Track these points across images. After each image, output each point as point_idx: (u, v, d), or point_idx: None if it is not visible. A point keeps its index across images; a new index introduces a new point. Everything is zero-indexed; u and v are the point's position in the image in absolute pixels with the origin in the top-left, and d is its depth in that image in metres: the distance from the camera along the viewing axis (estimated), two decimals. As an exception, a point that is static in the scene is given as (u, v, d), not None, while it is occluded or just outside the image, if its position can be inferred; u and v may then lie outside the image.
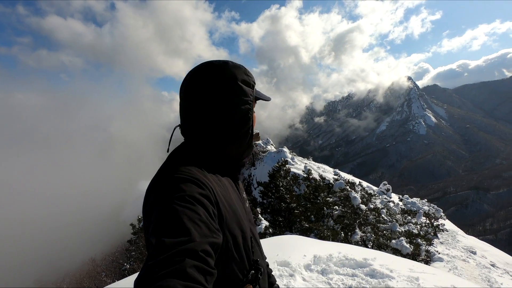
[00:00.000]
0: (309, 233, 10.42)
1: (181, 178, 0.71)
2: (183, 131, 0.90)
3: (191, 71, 0.88)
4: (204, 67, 0.87)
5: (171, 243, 0.55)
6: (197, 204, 0.66)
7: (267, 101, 1.05)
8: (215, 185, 0.78)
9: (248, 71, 0.93)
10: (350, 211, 11.41)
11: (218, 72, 0.86)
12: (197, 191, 0.69)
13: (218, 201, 0.74)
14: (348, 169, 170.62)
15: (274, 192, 11.66)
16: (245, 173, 28.93)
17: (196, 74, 0.87)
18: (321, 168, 26.93)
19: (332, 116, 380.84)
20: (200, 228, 0.61)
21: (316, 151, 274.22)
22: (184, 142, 0.90)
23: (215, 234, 0.64)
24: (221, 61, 0.89)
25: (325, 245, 3.94)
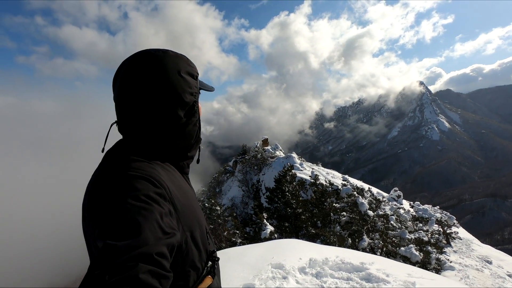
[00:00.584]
0: (315, 239, 10.29)
1: (133, 175, 0.64)
2: (121, 128, 0.81)
3: (126, 61, 0.79)
4: (142, 57, 0.77)
5: (123, 247, 0.49)
6: (153, 203, 0.60)
7: (211, 91, 0.96)
8: (169, 181, 0.72)
9: (191, 61, 0.85)
10: (358, 217, 11.23)
11: (159, 63, 0.76)
12: (152, 190, 0.63)
13: (173, 197, 0.69)
14: (359, 175, 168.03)
15: (280, 198, 11.60)
16: (253, 178, 28.89)
17: (133, 65, 0.76)
18: (330, 174, 26.63)
19: (342, 122, 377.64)
20: (155, 229, 0.56)
21: (326, 157, 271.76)
22: (123, 140, 0.81)
23: (172, 234, 0.59)
24: (160, 50, 0.80)
25: (323, 249, 3.90)
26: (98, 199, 0.62)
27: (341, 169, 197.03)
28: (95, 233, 0.57)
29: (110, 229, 0.54)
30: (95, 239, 0.56)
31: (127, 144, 0.79)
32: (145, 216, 0.56)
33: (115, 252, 0.49)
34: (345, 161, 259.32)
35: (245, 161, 30.91)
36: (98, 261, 0.48)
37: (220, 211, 14.49)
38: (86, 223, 0.67)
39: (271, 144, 34.79)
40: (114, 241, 0.50)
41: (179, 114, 0.78)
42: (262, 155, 29.70)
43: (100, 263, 0.48)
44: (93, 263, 0.49)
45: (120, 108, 0.78)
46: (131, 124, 0.78)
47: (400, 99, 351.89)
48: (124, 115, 0.78)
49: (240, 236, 11.21)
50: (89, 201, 0.66)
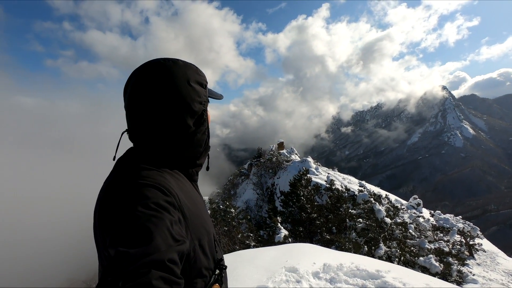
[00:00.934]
0: (330, 245, 10.14)
1: (143, 184, 0.66)
2: (131, 136, 0.82)
3: (137, 71, 0.80)
4: (152, 66, 0.79)
5: (135, 254, 0.51)
6: (163, 211, 0.62)
7: (219, 99, 0.98)
8: (178, 189, 0.73)
9: (200, 70, 0.86)
10: (375, 224, 10.97)
11: (168, 72, 0.78)
12: (162, 198, 0.64)
13: (182, 205, 0.71)
14: (376, 182, 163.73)
15: (295, 202, 11.52)
16: (268, 182, 28.83)
17: (143, 74, 0.78)
18: (347, 179, 26.15)
19: (360, 126, 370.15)
20: (166, 236, 0.57)
21: (343, 162, 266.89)
22: (133, 148, 0.83)
23: (182, 242, 0.61)
24: (170, 59, 0.81)
25: (337, 254, 3.84)
26: (109, 207, 0.64)
27: (358, 175, 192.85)
28: (106, 241, 0.58)
29: (121, 237, 0.55)
30: (106, 247, 0.57)
31: (137, 152, 0.80)
32: (156, 224, 0.57)
33: (128, 259, 0.50)
34: (362, 166, 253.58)
35: (260, 164, 30.93)
36: (111, 268, 0.50)
37: (235, 213, 14.56)
38: (97, 230, 0.68)
39: (287, 148, 34.63)
40: (126, 248, 0.52)
41: (188, 123, 0.80)
42: (277, 159, 29.62)
43: (113, 270, 0.49)
44: (105, 270, 0.51)
45: (131, 116, 0.79)
46: (141, 133, 0.79)
47: (421, 104, 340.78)
48: (134, 123, 0.79)
49: (253, 239, 11.21)
50: (100, 209, 0.67)
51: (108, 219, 0.63)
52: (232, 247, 10.39)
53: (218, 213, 14.42)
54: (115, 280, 0.47)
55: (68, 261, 58.05)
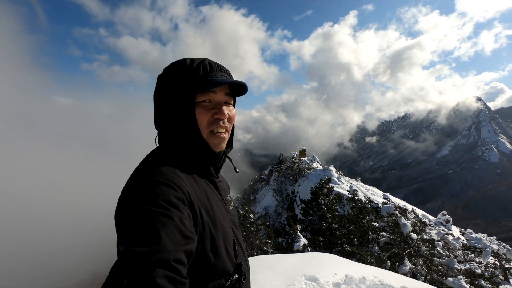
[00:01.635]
0: (351, 257, 9.82)
1: (153, 180, 0.67)
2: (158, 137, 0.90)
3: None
4: (166, 68, 0.87)
5: (142, 252, 0.53)
6: (172, 208, 0.62)
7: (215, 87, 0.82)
8: (189, 186, 0.74)
9: (190, 63, 0.83)
10: (399, 239, 10.49)
11: (163, 75, 0.85)
12: (172, 194, 0.65)
13: (193, 202, 0.71)
14: (402, 195, 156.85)
15: (316, 210, 11.31)
16: (288, 189, 28.57)
17: (159, 77, 0.87)
18: (370, 190, 25.32)
19: (385, 137, 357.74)
20: (174, 234, 0.58)
21: (366, 172, 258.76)
22: (156, 148, 0.88)
23: (190, 240, 0.62)
24: (171, 63, 0.86)
25: (360, 267, 3.69)
26: (122, 205, 0.66)
27: (382, 187, 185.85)
28: (117, 238, 0.61)
29: (129, 234, 0.57)
30: (118, 243, 0.59)
31: (156, 151, 0.84)
32: (163, 222, 0.58)
33: (134, 257, 0.52)
34: (387, 178, 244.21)
35: (280, 171, 30.76)
36: (118, 265, 0.52)
37: (253, 218, 14.53)
38: (115, 226, 0.70)
39: (308, 156, 34.20)
40: (133, 246, 0.54)
41: (175, 121, 0.83)
42: (299, 166, 29.33)
43: (120, 267, 0.51)
44: (114, 266, 0.53)
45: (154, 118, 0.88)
46: (159, 132, 0.87)
47: (453, 115, 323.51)
48: (155, 124, 0.88)
49: (272, 246, 11.11)
50: (116, 206, 0.69)
51: (119, 217, 0.65)
52: (249, 253, 10.36)
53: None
54: (121, 277, 0.49)
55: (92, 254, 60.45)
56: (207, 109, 0.82)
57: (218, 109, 0.83)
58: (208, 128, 0.83)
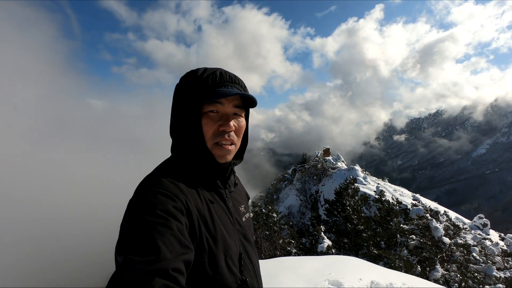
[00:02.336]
0: (378, 260, 9.48)
1: (151, 191, 0.67)
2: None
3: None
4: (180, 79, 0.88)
5: (140, 262, 0.53)
6: (169, 217, 0.62)
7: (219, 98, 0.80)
8: (190, 197, 0.73)
9: (200, 73, 0.82)
10: (430, 243, 9.98)
11: (177, 84, 0.87)
12: (170, 204, 0.65)
13: (192, 213, 0.70)
14: (433, 196, 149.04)
15: (340, 211, 11.04)
16: (312, 188, 28.16)
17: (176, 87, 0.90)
18: (398, 191, 24.31)
19: (415, 135, 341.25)
20: (172, 244, 0.58)
21: (394, 172, 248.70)
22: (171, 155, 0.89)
23: (188, 249, 0.61)
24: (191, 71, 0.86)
25: (387, 272, 3.52)
26: (124, 214, 0.67)
27: (412, 187, 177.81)
28: (116, 248, 0.60)
29: (128, 244, 0.57)
30: (116, 253, 0.59)
31: (166, 161, 0.86)
32: (161, 232, 0.58)
33: (133, 266, 0.52)
34: (416, 178, 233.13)
35: (304, 170, 30.40)
36: (117, 275, 0.52)
37: (276, 218, 14.47)
38: None
39: (333, 155, 33.51)
40: (131, 256, 0.54)
41: (183, 131, 0.84)
42: (323, 165, 28.82)
43: (118, 277, 0.51)
44: (112, 276, 0.53)
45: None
46: (172, 141, 0.89)
47: (490, 111, 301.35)
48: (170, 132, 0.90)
49: (295, 246, 11.00)
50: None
51: (121, 226, 0.65)
52: (273, 252, 10.33)
53: (260, 217, 14.48)
54: (119, 286, 0.49)
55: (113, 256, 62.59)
56: (214, 120, 0.81)
57: (224, 121, 0.81)
58: (213, 140, 0.81)
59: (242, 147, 0.93)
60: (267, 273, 3.17)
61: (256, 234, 12.53)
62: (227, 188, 0.90)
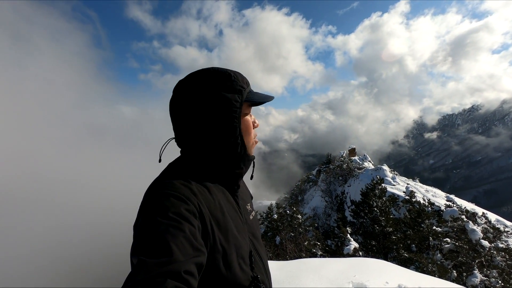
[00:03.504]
0: (408, 264, 9.06)
1: (164, 193, 0.68)
2: (177, 142, 0.88)
3: (178, 82, 0.86)
4: (189, 77, 0.84)
5: (153, 263, 0.54)
6: (182, 220, 0.63)
7: (265, 102, 0.91)
8: (202, 199, 0.74)
9: (234, 76, 0.84)
10: (467, 246, 9.36)
11: (200, 82, 0.81)
12: (182, 207, 0.66)
13: (204, 215, 0.71)
14: (470, 197, 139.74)
15: (367, 213, 10.69)
16: (338, 189, 27.52)
17: (181, 85, 0.84)
18: (431, 191, 23.10)
19: (448, 132, 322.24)
20: (184, 246, 0.59)
21: (426, 172, 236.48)
22: (180, 154, 0.88)
23: (200, 252, 0.62)
24: (205, 69, 0.85)
25: (416, 277, 3.32)
26: (137, 216, 0.68)
27: (446, 188, 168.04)
28: (131, 249, 0.61)
29: (141, 246, 0.59)
30: (131, 254, 0.60)
31: (178, 159, 0.86)
32: (174, 234, 0.59)
33: (146, 268, 0.53)
34: (450, 178, 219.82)
35: (329, 171, 29.80)
36: (131, 276, 0.53)
37: (301, 219, 14.30)
38: None
39: (359, 155, 32.58)
40: (145, 257, 0.55)
41: (217, 131, 0.80)
42: (348, 166, 28.10)
43: (133, 278, 0.52)
44: (128, 277, 0.54)
45: (173, 124, 0.86)
46: (180, 140, 0.85)
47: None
48: (174, 131, 0.86)
49: (320, 248, 10.80)
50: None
51: (134, 227, 0.66)
52: (298, 254, 10.22)
53: (284, 218, 14.39)
54: (133, 287, 0.51)
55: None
56: (251, 120, 0.89)
57: (255, 120, 0.92)
58: (253, 138, 0.90)
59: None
60: (290, 274, 3.14)
61: (280, 236, 12.45)
62: (238, 187, 0.91)
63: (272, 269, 3.51)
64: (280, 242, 11.89)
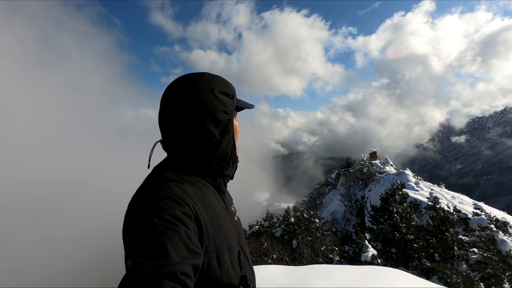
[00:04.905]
0: (431, 274, 8.63)
1: (159, 195, 0.68)
2: (164, 145, 0.86)
3: (169, 84, 0.85)
4: (181, 80, 0.84)
5: (149, 265, 0.54)
6: (178, 222, 0.63)
7: (249, 108, 0.97)
8: (196, 201, 0.74)
9: (227, 81, 0.88)
10: (497, 258, 8.79)
11: (193, 84, 0.81)
12: (178, 209, 0.66)
13: (200, 217, 0.71)
14: (501, 205, 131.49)
15: (387, 219, 10.32)
16: (357, 194, 26.83)
17: (173, 87, 0.83)
18: (457, 198, 21.94)
19: (477, 135, 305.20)
20: (180, 248, 0.59)
21: (453, 177, 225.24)
22: (167, 157, 0.87)
23: (196, 254, 0.62)
24: (198, 73, 0.85)
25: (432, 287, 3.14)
26: (129, 219, 0.67)
27: (474, 194, 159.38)
28: (125, 252, 0.61)
29: (137, 248, 0.58)
30: (126, 257, 0.60)
31: (166, 161, 0.85)
32: (170, 236, 0.59)
33: (143, 269, 0.53)
34: (480, 184, 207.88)
35: (349, 175, 29.14)
36: (127, 278, 0.53)
37: (319, 224, 14.04)
38: (123, 238, 0.70)
39: (380, 158, 31.64)
40: (141, 259, 0.55)
41: (212, 132, 0.81)
42: (369, 170, 27.34)
43: (128, 280, 0.52)
44: (123, 279, 0.54)
45: (161, 126, 0.85)
46: (169, 142, 0.84)
47: None
48: (164, 133, 0.84)
49: (338, 253, 10.54)
50: (124, 220, 0.70)
51: (126, 230, 0.66)
52: (314, 259, 10.03)
53: (302, 222, 14.19)
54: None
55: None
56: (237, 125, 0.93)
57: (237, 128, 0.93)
58: (236, 142, 0.91)
59: None
60: (299, 280, 3.06)
61: (297, 240, 12.28)
62: (226, 188, 0.95)
63: (282, 275, 3.46)
64: (296, 246, 11.73)
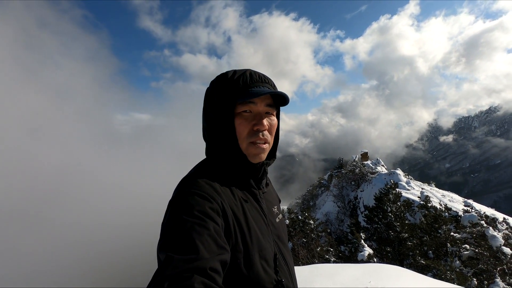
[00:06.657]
0: (426, 271, 8.79)
1: (189, 192, 0.71)
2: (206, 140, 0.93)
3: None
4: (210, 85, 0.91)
5: (180, 260, 0.56)
6: (207, 218, 0.65)
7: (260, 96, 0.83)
8: (225, 198, 0.75)
9: (233, 75, 0.84)
10: (488, 253, 9.03)
11: (208, 88, 0.89)
12: (207, 205, 0.68)
13: (227, 214, 0.72)
14: (489, 202, 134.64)
15: (381, 218, 10.47)
16: (350, 194, 27.07)
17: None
18: (447, 196, 22.39)
19: (464, 135, 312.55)
20: (209, 244, 0.61)
21: (442, 176, 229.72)
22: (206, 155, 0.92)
23: (224, 250, 0.64)
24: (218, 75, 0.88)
25: (435, 283, 3.22)
26: (165, 214, 0.71)
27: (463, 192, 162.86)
28: (158, 245, 0.64)
29: (168, 243, 0.61)
30: (158, 250, 0.63)
31: (201, 163, 0.89)
32: (199, 232, 0.62)
33: (174, 263, 0.56)
34: (468, 182, 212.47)
35: (341, 176, 29.40)
36: (160, 271, 0.56)
37: (314, 225, 14.11)
38: None
39: (372, 159, 32.06)
40: (172, 253, 0.58)
41: (216, 133, 0.85)
42: (361, 170, 27.64)
43: (161, 272, 0.55)
44: (156, 271, 0.58)
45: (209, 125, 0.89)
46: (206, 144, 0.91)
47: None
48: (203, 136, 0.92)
49: (334, 254, 10.62)
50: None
51: (162, 224, 0.69)
52: (310, 260, 10.09)
53: (296, 224, 14.24)
54: (162, 281, 0.53)
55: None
56: (247, 120, 0.83)
57: (257, 120, 0.83)
58: (248, 139, 0.83)
59: (273, 146, 0.94)
60: (303, 279, 3.11)
61: (292, 242, 12.31)
62: (261, 188, 0.92)
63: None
64: (292, 247, 11.77)
